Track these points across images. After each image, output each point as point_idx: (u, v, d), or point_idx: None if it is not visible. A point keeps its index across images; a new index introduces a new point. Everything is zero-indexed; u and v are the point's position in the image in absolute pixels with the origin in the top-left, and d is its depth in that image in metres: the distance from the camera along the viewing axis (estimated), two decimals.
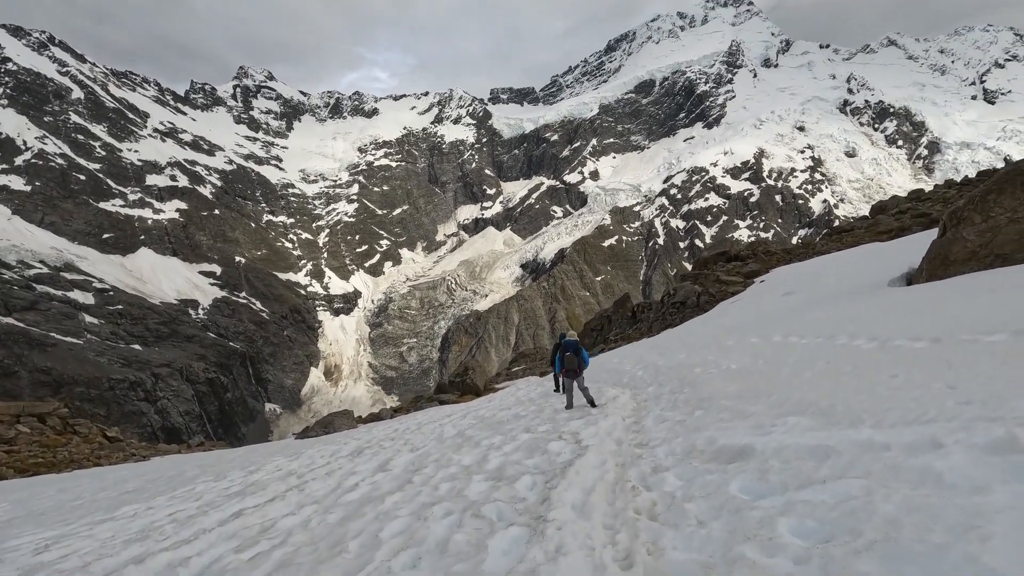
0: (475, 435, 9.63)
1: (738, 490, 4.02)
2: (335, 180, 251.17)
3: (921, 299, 11.15)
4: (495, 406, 15.46)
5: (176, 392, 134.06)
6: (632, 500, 4.54)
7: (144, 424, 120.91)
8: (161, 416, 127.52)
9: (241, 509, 7.24)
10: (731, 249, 41.40)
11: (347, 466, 9.24)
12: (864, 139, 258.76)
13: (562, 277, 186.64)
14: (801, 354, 8.93)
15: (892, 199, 49.55)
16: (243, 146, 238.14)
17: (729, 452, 4.86)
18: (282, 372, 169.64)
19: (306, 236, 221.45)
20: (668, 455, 5.56)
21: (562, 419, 9.28)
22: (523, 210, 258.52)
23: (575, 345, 10.46)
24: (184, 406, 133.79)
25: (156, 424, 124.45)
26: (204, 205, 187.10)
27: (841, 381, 6.11)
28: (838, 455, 3.90)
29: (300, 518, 6.08)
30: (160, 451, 30.19)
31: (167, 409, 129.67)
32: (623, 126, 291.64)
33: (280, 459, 12.77)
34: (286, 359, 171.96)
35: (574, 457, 6.13)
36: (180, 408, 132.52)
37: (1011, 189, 13.30)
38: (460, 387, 27.01)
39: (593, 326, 46.01)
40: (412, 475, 7.10)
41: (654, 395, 10.17)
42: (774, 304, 20.74)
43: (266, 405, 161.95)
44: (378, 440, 12.56)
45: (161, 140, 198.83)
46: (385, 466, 8.27)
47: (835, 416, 4.84)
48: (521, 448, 7.35)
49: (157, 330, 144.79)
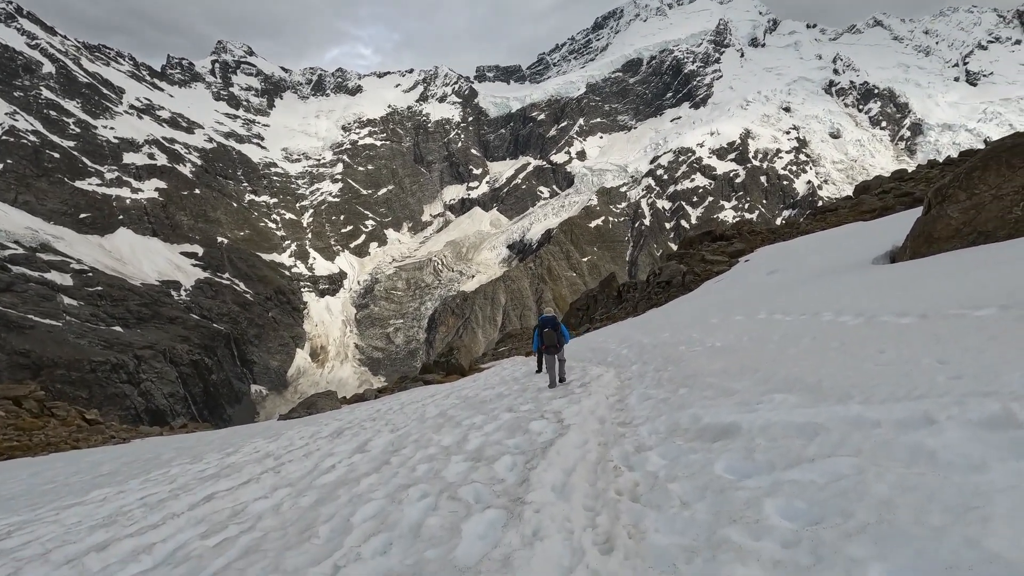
0: (457, 415, 9.45)
1: (723, 470, 3.86)
2: (319, 159, 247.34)
3: (905, 276, 11.09)
4: (479, 386, 15.32)
5: (160, 374, 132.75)
6: (614, 481, 4.37)
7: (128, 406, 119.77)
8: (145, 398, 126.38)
9: (213, 492, 7.01)
10: (716, 229, 41.42)
11: (326, 447, 9.03)
12: (849, 120, 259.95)
13: (549, 258, 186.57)
14: (786, 331, 8.83)
15: (875, 179, 49.76)
16: (223, 124, 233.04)
17: (714, 430, 4.71)
18: (267, 354, 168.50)
19: (290, 216, 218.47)
20: (651, 434, 5.41)
21: (545, 398, 9.13)
22: (510, 190, 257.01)
23: (553, 321, 10.38)
24: (168, 388, 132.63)
25: (140, 406, 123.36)
26: (184, 184, 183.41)
27: (828, 357, 5.98)
28: (827, 432, 3.75)
29: (272, 501, 5.87)
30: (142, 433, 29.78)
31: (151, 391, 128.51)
32: (610, 105, 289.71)
33: (259, 440, 12.54)
34: (271, 340, 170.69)
35: (555, 437, 5.97)
36: (164, 390, 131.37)
37: (996, 166, 13.24)
38: (445, 367, 26.84)
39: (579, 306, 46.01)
40: (390, 456, 6.91)
41: (638, 373, 10.05)
42: (759, 283, 20.74)
43: (252, 387, 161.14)
44: (359, 421, 12.36)
45: (138, 117, 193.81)
46: (364, 447, 8.08)
47: (823, 392, 4.70)
48: (502, 428, 7.18)
49: (138, 312, 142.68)
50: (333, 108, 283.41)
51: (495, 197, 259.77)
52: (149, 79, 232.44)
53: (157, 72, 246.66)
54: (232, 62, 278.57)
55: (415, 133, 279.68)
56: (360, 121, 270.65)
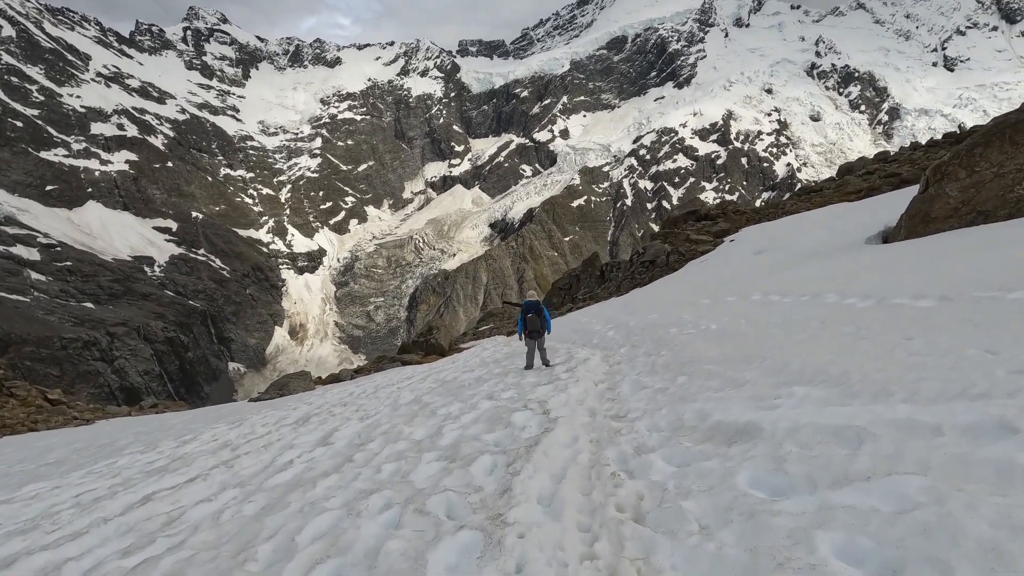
0: (432, 402, 8.72)
1: (749, 484, 3.18)
2: (296, 133, 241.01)
3: (907, 256, 10.56)
4: (458, 367, 14.61)
5: (134, 351, 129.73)
6: (613, 492, 3.68)
7: (101, 384, 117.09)
8: (119, 376, 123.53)
9: (155, 491, 6.21)
10: (701, 208, 40.91)
11: (288, 437, 8.25)
12: (829, 103, 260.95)
13: (531, 237, 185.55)
14: (788, 314, 8.21)
15: (859, 160, 49.63)
16: (196, 94, 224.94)
17: (728, 430, 4.04)
18: (245, 331, 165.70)
19: (267, 192, 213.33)
20: (652, 431, 4.73)
21: (528, 384, 8.42)
22: (492, 168, 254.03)
23: (536, 306, 10.18)
24: (143, 366, 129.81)
25: (114, 384, 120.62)
26: (156, 157, 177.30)
27: (845, 344, 5.34)
28: (875, 440, 3.08)
29: (215, 507, 5.09)
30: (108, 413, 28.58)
31: (125, 369, 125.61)
32: (594, 84, 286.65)
33: (221, 426, 11.69)
34: (249, 318, 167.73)
35: (541, 432, 5.26)
36: (139, 368, 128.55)
37: (999, 142, 12.72)
38: (424, 347, 26.08)
39: (561, 285, 45.41)
40: (355, 451, 6.15)
41: (628, 357, 9.40)
42: (746, 263, 20.23)
43: (229, 364, 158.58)
44: (329, 406, 11.57)
45: (105, 85, 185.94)
46: (328, 438, 7.31)
47: (852, 386, 4.04)
48: (481, 419, 6.46)
49: (110, 288, 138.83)
50: (311, 80, 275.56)
51: (477, 175, 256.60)
52: (117, 46, 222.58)
53: (125, 39, 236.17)
54: (205, 29, 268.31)
55: (396, 108, 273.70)
56: (339, 94, 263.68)
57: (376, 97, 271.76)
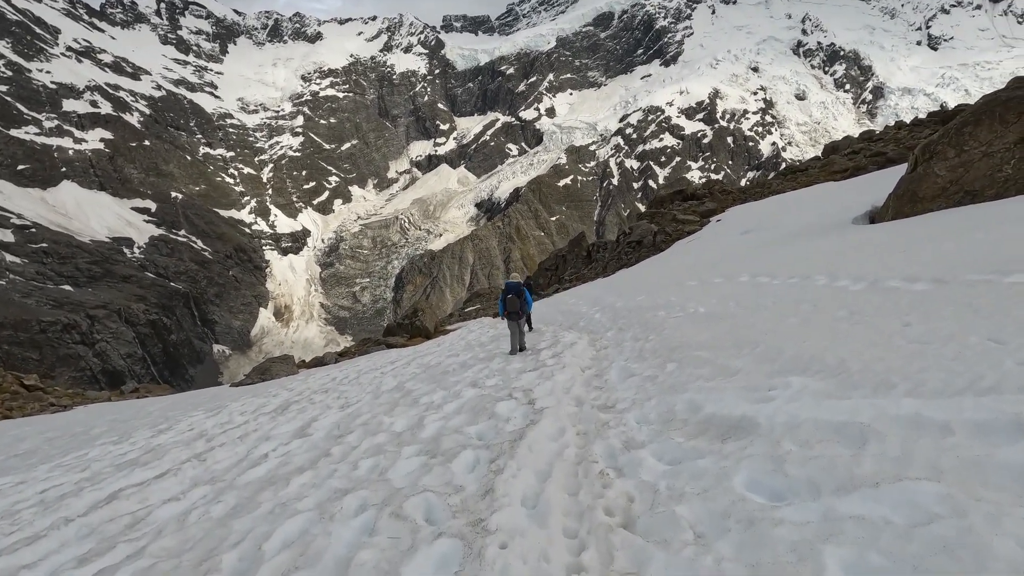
0: (415, 389, 8.48)
1: (746, 486, 2.98)
2: (277, 111, 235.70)
3: (896, 237, 10.43)
4: (443, 351, 14.37)
5: (115, 334, 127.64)
6: (601, 492, 3.47)
7: (83, 368, 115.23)
8: (101, 359, 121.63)
9: (122, 488, 5.92)
10: (687, 188, 40.74)
11: (265, 427, 7.98)
12: (814, 82, 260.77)
13: (517, 217, 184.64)
14: (777, 296, 8.04)
15: (845, 139, 49.67)
16: (172, 70, 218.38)
17: (721, 424, 3.84)
18: (229, 313, 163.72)
19: (248, 171, 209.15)
20: (641, 423, 4.53)
21: (513, 371, 8.20)
22: (478, 147, 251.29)
23: (517, 287, 10.18)
24: (125, 349, 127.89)
25: (96, 368, 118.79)
26: (132, 135, 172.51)
27: (840, 329, 5.16)
28: (879, 438, 2.88)
29: (182, 507, 4.83)
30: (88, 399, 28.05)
31: (107, 352, 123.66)
32: (580, 61, 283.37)
33: (199, 414, 11.38)
34: (233, 300, 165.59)
35: (526, 425, 5.04)
36: (121, 351, 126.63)
37: (988, 121, 12.57)
38: (409, 330, 25.78)
39: (547, 266, 45.20)
40: (333, 444, 5.91)
41: (615, 341, 9.21)
42: (733, 243, 20.11)
43: (214, 347, 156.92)
44: (310, 392, 11.29)
45: (77, 60, 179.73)
46: (306, 429, 7.05)
47: (851, 377, 3.85)
48: (464, 409, 6.23)
49: (89, 270, 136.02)
50: (291, 56, 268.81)
51: (463, 154, 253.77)
52: (87, 19, 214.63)
53: (96, 11, 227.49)
54: (179, 2, 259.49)
55: (379, 85, 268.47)
56: (321, 71, 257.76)
57: (359, 74, 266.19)
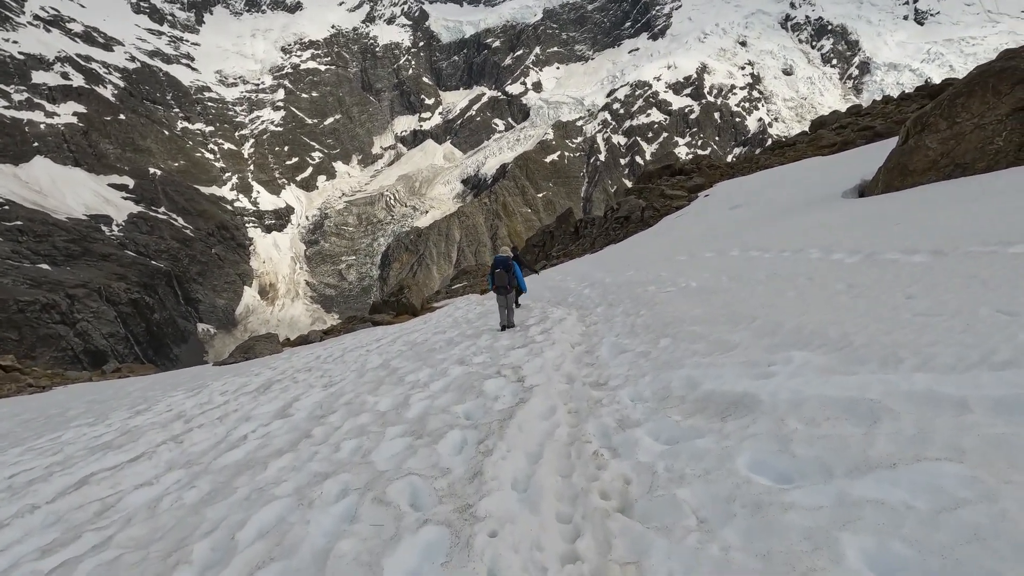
0: (401, 367, 8.26)
1: (751, 467, 2.80)
2: (257, 84, 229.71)
3: (889, 209, 10.30)
4: (430, 328, 14.14)
5: (97, 314, 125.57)
6: (596, 474, 3.29)
7: (64, 348, 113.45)
8: (82, 339, 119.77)
9: (94, 472, 5.67)
10: (675, 163, 40.44)
11: (246, 407, 7.73)
12: (801, 57, 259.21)
13: (504, 193, 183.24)
14: (771, 269, 7.88)
15: (832, 114, 49.49)
16: (146, 40, 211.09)
17: (720, 401, 3.66)
18: (213, 292, 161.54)
19: (229, 146, 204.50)
20: (636, 401, 4.35)
21: (501, 348, 8.00)
22: (464, 122, 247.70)
23: (505, 261, 10.01)
24: (107, 328, 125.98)
25: (78, 347, 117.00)
26: (106, 109, 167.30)
27: (840, 302, 5.00)
28: (893, 417, 2.71)
29: (155, 492, 4.60)
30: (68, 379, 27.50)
31: (88, 332, 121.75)
32: (567, 34, 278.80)
33: (179, 394, 11.09)
34: (216, 278, 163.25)
35: (515, 403, 4.85)
36: (103, 330, 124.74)
37: (981, 92, 12.41)
38: (396, 307, 25.49)
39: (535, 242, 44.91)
40: (315, 425, 5.68)
41: (604, 317, 9.03)
42: (722, 218, 19.97)
43: (198, 326, 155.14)
44: (293, 371, 11.03)
45: (45, 30, 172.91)
46: (287, 409, 6.81)
47: (856, 351, 3.69)
48: (451, 387, 6.02)
49: (66, 248, 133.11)
50: (270, 27, 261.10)
51: (448, 129, 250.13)
52: None
53: None
54: None
55: (362, 58, 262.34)
56: (301, 43, 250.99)
57: (341, 46, 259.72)
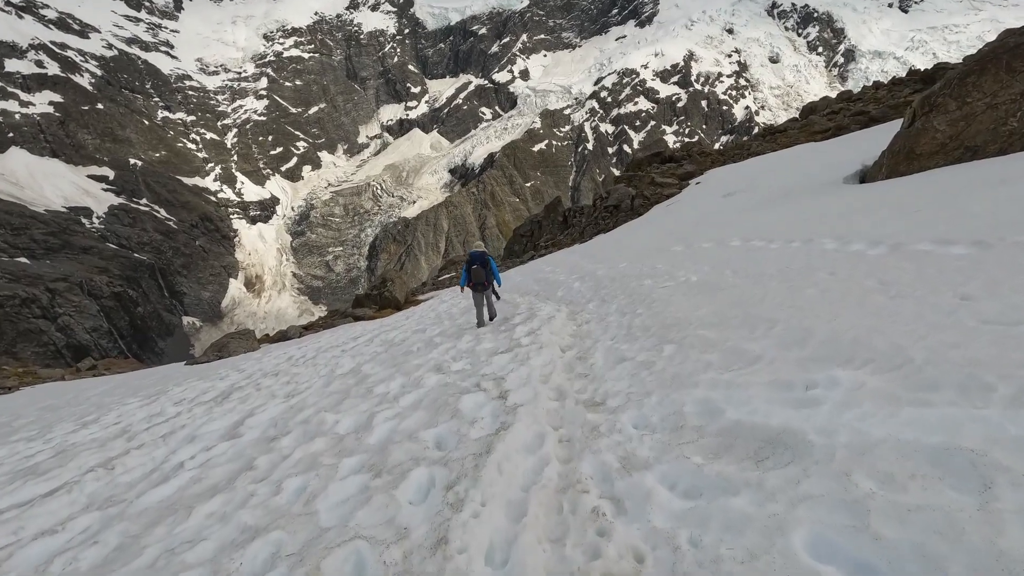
0: (372, 373, 7.41)
1: (812, 551, 2.01)
2: (239, 72, 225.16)
3: (901, 195, 9.56)
4: (411, 325, 13.30)
5: (79, 308, 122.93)
6: (597, 545, 2.48)
7: (45, 343, 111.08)
8: (64, 334, 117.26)
9: (1, 510, 4.80)
10: (665, 150, 39.66)
11: (197, 421, 6.86)
12: (788, 44, 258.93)
13: (492, 183, 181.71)
14: (782, 263, 7.12)
15: (823, 100, 48.93)
16: (123, 27, 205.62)
17: (751, 437, 2.87)
18: (198, 284, 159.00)
19: (211, 136, 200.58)
20: (641, 429, 3.55)
21: (483, 352, 7.17)
22: (450, 111, 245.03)
23: (482, 257, 9.57)
24: (90, 322, 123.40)
25: (60, 342, 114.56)
26: (84, 98, 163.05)
27: (877, 304, 4.23)
28: (1012, 480, 1.93)
29: (54, 545, 3.75)
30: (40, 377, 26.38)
31: (70, 326, 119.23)
32: (554, 21, 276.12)
33: (134, 402, 10.16)
34: (201, 270, 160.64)
35: (496, 429, 4.03)
36: (86, 325, 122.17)
37: (994, 70, 11.69)
38: (378, 301, 24.57)
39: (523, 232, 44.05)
40: (262, 451, 4.84)
41: (598, 315, 8.24)
42: (717, 206, 19.22)
43: (183, 319, 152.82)
44: (260, 376, 10.14)
45: (17, 16, 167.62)
46: (239, 428, 5.96)
47: (921, 372, 2.91)
48: (424, 403, 5.20)
49: (45, 241, 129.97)
50: (252, 14, 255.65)
51: (435, 118, 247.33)
52: None
53: None
54: None
55: (346, 46, 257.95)
56: (284, 30, 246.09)
57: (324, 33, 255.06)
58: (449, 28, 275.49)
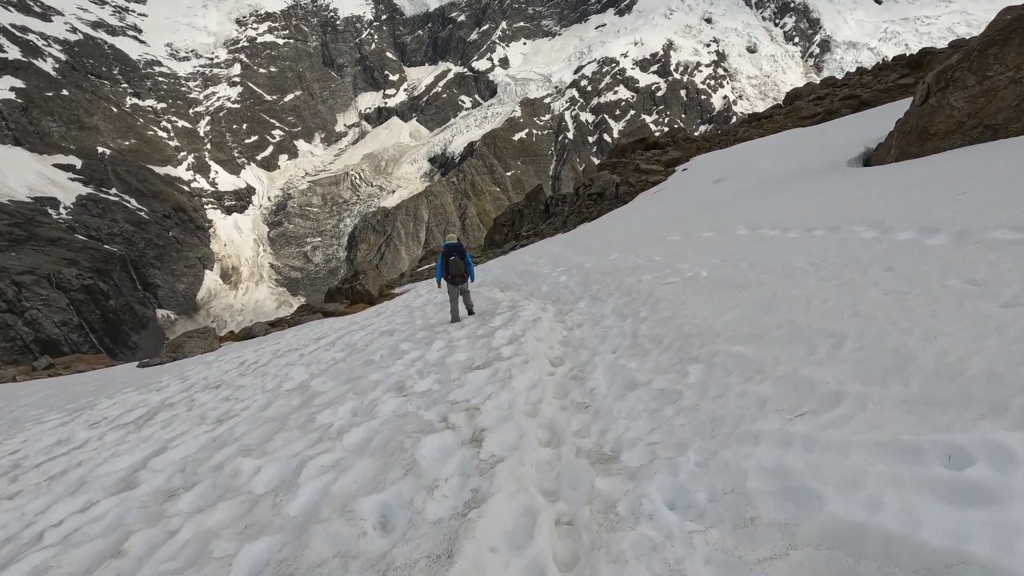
0: (321, 392, 6.11)
1: None
2: (211, 58, 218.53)
3: (923, 177, 8.47)
4: (380, 324, 11.99)
5: (47, 301, 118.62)
6: None
7: (12, 338, 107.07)
8: (32, 328, 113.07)
9: None
10: (649, 136, 38.56)
11: (98, 458, 5.51)
12: (765, 34, 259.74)
13: (472, 172, 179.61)
14: (808, 255, 5.97)
15: (807, 86, 48.31)
16: (88, 11, 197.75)
17: (887, 559, 1.68)
18: (172, 276, 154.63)
19: (183, 124, 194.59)
20: (684, 517, 2.34)
21: (456, 365, 5.89)
22: (429, 99, 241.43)
23: (459, 248, 9.04)
24: (59, 316, 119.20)
25: (28, 337, 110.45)
26: (48, 84, 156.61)
27: (988, 313, 3.08)
28: None
29: None
30: None
31: (38, 320, 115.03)
32: (534, 8, 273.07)
33: (52, 419, 8.72)
34: (175, 262, 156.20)
35: (464, 505, 2.79)
36: (55, 319, 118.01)
37: (1019, 40, 10.68)
38: (350, 295, 23.13)
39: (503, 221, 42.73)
40: (147, 522, 3.55)
41: (591, 317, 7.05)
42: (708, 193, 18.14)
43: (157, 312, 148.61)
44: (199, 388, 8.76)
45: None
46: (138, 473, 4.63)
47: None
48: (372, 445, 3.93)
49: (10, 233, 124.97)
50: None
51: (414, 106, 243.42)
52: None
53: None
54: None
55: (322, 32, 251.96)
56: (257, 15, 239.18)
57: (299, 18, 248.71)
58: (428, 15, 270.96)
